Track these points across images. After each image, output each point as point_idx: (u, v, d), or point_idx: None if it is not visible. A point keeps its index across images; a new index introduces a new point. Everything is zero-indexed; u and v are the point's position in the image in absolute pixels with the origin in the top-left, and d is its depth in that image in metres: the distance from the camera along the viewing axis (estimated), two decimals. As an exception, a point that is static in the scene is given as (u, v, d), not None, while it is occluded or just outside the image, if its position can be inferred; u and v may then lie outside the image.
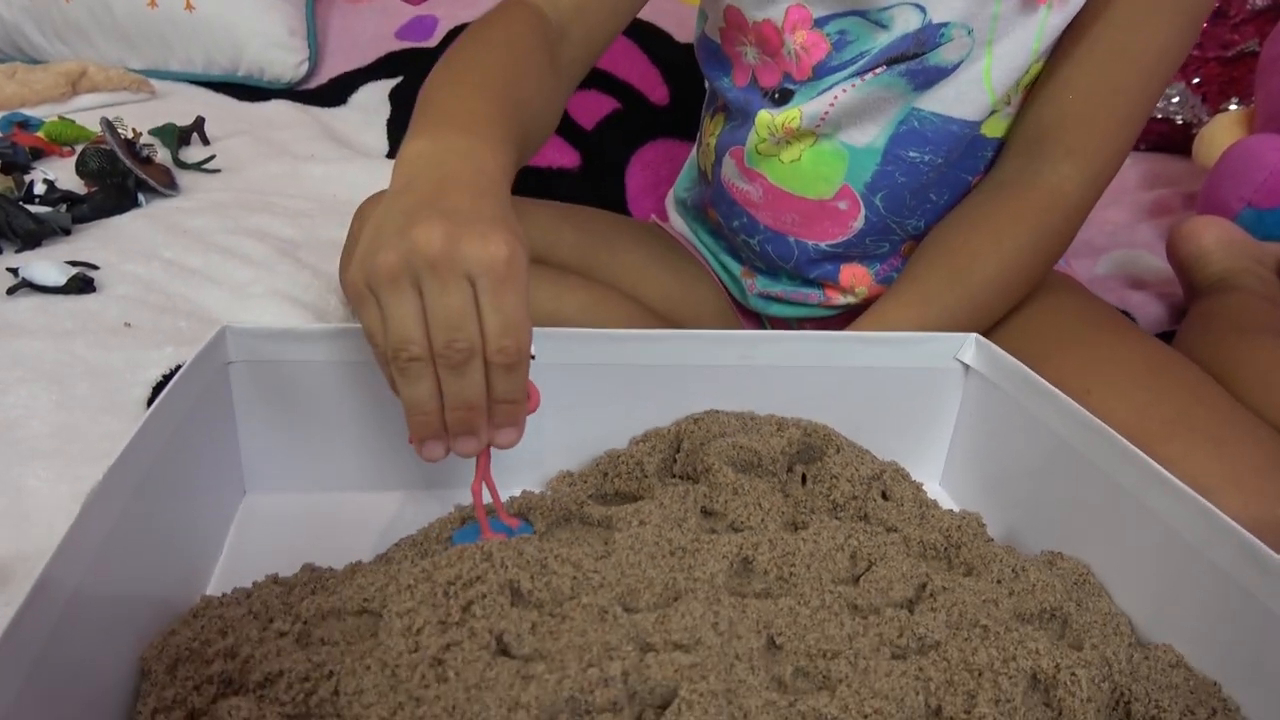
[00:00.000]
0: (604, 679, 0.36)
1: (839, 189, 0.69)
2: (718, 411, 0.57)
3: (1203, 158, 1.16)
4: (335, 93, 1.34)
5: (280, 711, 0.36)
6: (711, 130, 0.76)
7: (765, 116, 0.68)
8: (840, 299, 0.74)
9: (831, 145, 0.67)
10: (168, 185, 1.00)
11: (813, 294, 0.75)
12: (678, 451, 0.56)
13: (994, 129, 0.68)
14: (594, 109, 1.18)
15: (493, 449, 0.45)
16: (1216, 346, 0.71)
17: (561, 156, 1.13)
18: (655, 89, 1.21)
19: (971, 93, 0.64)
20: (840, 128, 0.67)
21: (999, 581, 0.46)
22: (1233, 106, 1.22)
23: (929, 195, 0.69)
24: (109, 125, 0.98)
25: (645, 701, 0.37)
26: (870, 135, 0.66)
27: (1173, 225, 0.93)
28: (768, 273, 0.77)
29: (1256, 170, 0.96)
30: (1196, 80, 1.31)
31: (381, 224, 0.41)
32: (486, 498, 0.47)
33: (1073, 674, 0.39)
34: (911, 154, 0.66)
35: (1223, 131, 1.14)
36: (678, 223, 0.86)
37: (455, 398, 0.41)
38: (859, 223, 0.70)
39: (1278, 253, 0.91)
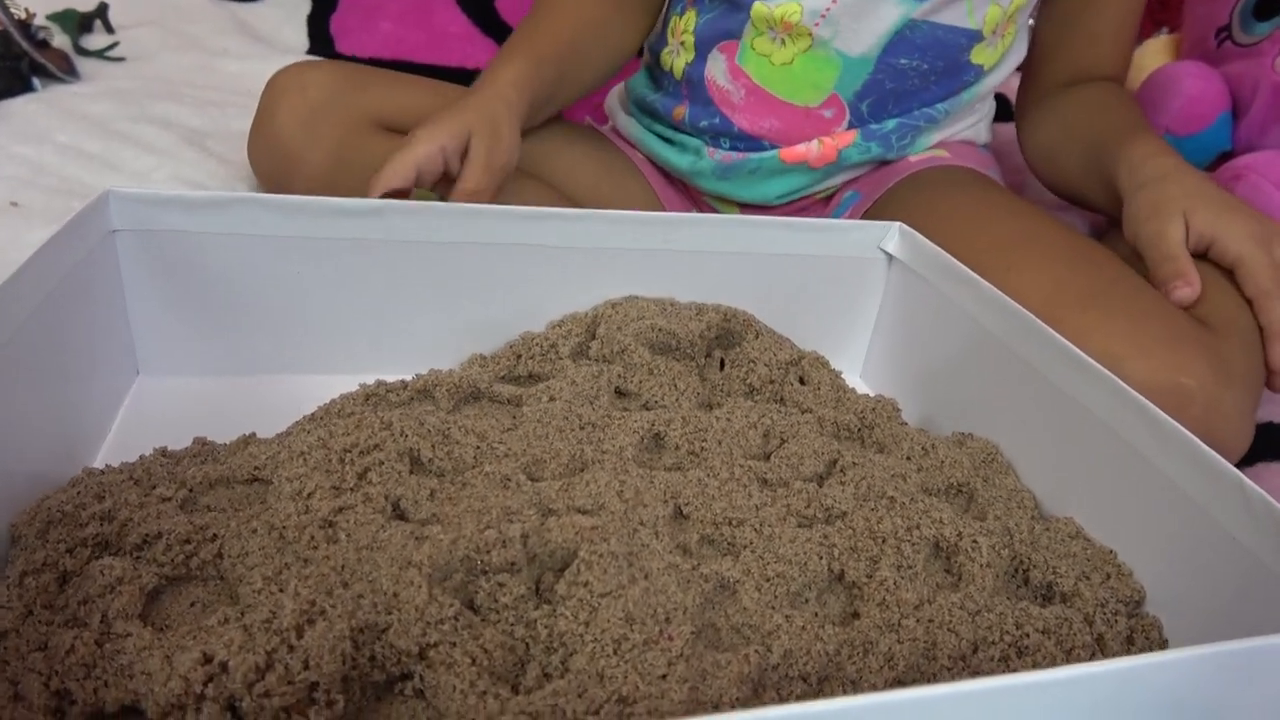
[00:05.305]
0: (502, 540, 0.35)
1: (828, 96, 0.68)
2: (637, 297, 0.56)
3: (1130, 83, 1.16)
4: (252, -14, 1.26)
5: (158, 573, 0.34)
6: (684, 27, 0.72)
7: (762, 9, 0.65)
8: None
9: (825, 52, 0.66)
10: (66, 71, 0.94)
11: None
12: (593, 337, 0.54)
13: (981, 56, 0.68)
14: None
15: None
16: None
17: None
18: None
19: (967, 5, 0.65)
20: (838, 32, 0.65)
21: (908, 458, 0.46)
22: (1163, 34, 1.22)
23: (909, 103, 0.70)
24: (0, 4, 0.91)
25: (545, 565, 0.36)
26: (866, 44, 0.66)
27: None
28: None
29: (1174, 98, 0.96)
30: (1132, 6, 1.31)
31: None
32: None
33: (974, 541, 0.39)
34: (902, 61, 0.67)
35: (1150, 57, 1.14)
36: (625, 121, 0.81)
37: None
38: (841, 128, 0.70)
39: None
